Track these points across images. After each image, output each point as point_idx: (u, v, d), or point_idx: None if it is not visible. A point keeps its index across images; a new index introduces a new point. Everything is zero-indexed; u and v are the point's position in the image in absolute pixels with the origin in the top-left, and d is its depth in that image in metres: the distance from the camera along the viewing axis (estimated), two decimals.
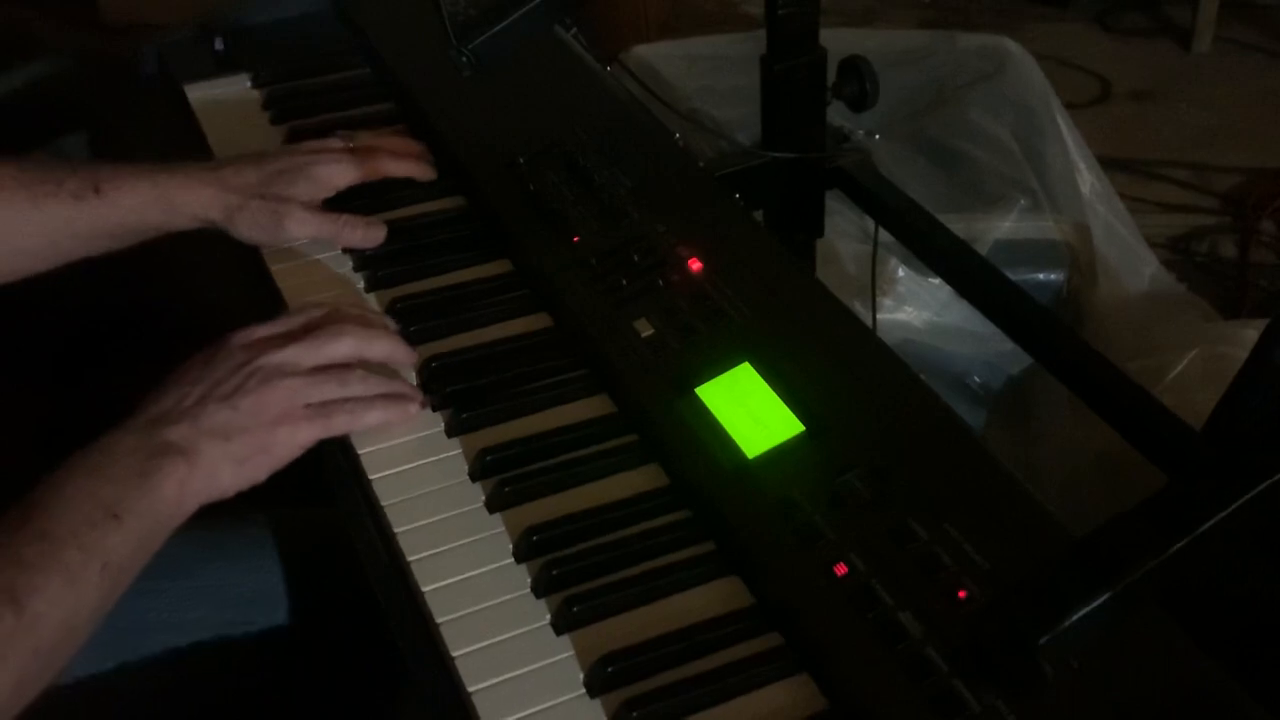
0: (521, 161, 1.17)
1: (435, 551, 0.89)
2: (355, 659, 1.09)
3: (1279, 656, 0.82)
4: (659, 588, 0.85)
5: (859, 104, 1.29)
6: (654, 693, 0.79)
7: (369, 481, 0.94)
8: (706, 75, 2.07)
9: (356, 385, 0.96)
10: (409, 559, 0.88)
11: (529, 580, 0.86)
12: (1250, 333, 1.56)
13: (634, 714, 0.77)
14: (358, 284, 1.12)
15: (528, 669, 0.81)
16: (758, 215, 1.34)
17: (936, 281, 1.71)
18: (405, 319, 1.07)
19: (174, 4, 1.52)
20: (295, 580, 1.08)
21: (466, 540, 0.89)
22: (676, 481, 0.92)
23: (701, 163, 1.24)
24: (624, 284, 1.04)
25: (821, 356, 0.96)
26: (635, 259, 1.05)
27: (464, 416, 0.98)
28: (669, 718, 0.78)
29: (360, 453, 0.96)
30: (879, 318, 1.69)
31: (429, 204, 1.20)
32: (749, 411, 0.91)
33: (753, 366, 0.94)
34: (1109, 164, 2.07)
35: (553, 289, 1.06)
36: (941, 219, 1.36)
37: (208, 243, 1.12)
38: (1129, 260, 1.89)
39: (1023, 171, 1.90)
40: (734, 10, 3.04)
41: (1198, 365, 1.57)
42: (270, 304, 1.11)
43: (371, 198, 1.20)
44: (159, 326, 1.52)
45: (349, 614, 1.05)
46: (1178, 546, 0.68)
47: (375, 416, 0.96)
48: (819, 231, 1.44)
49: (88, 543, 0.81)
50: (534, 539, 0.88)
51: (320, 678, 1.11)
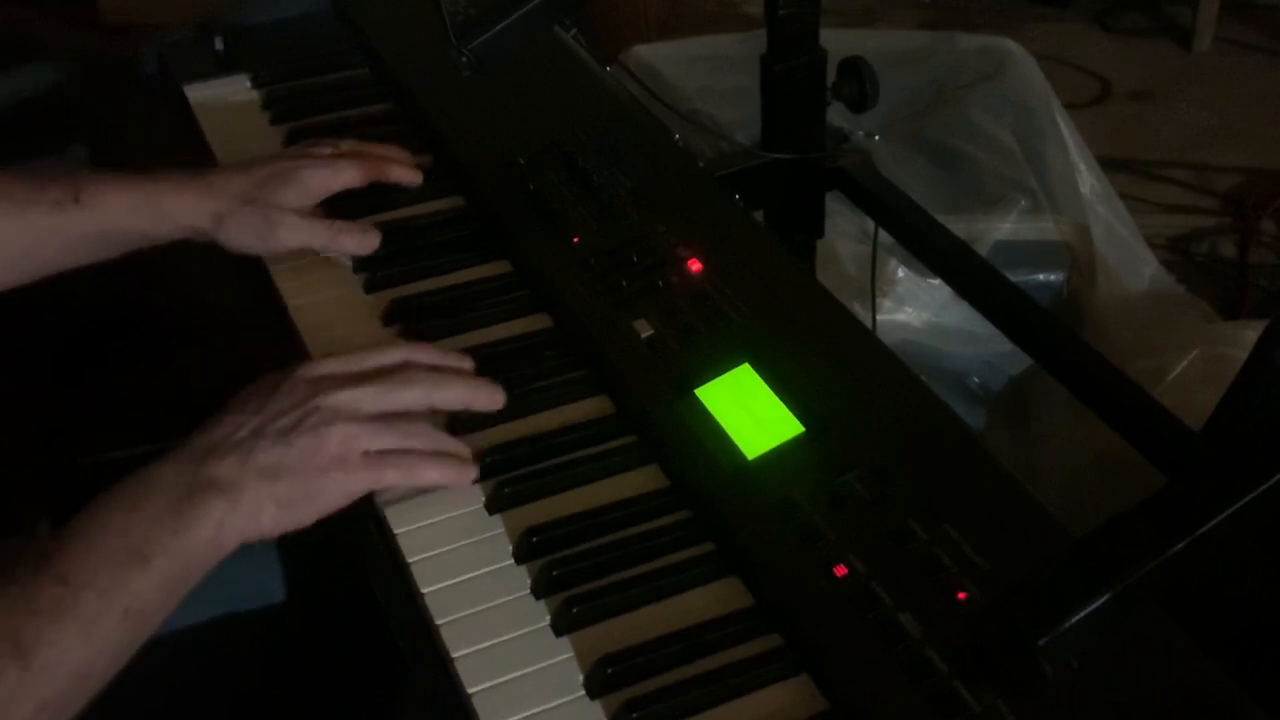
0: (521, 162, 1.17)
1: (435, 552, 0.89)
2: (355, 659, 1.09)
3: (1279, 657, 0.82)
4: (659, 589, 0.85)
5: (859, 104, 1.29)
6: (654, 694, 0.78)
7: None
8: (706, 75, 2.07)
9: (416, 438, 0.91)
10: (409, 560, 0.88)
11: (529, 581, 0.86)
12: (1250, 333, 1.56)
13: (634, 715, 0.77)
14: (357, 285, 1.12)
15: (527, 670, 0.81)
16: (758, 216, 1.34)
17: (936, 282, 1.71)
18: (405, 319, 1.07)
19: (174, 4, 1.52)
20: (295, 580, 1.08)
21: (466, 541, 0.89)
22: (676, 482, 0.92)
23: (701, 163, 1.24)
24: (624, 284, 1.04)
25: (821, 357, 0.96)
26: (635, 259, 1.05)
27: (463, 417, 0.97)
28: (669, 719, 0.78)
29: None
30: (879, 318, 1.69)
31: (429, 204, 1.20)
32: (749, 412, 0.91)
33: (752, 367, 0.94)
34: (1109, 164, 2.07)
35: (552, 289, 1.06)
36: (941, 220, 1.36)
37: (206, 244, 1.12)
38: (1129, 261, 1.89)
39: (1023, 172, 1.90)
40: (734, 10, 3.04)
41: (1198, 366, 1.57)
42: (270, 304, 1.11)
43: (371, 198, 1.20)
44: (159, 326, 1.52)
45: (349, 614, 1.05)
46: (1178, 547, 0.68)
47: (430, 475, 0.91)
48: (819, 232, 1.44)
49: (109, 586, 0.78)
50: (534, 540, 0.88)
51: (320, 678, 1.11)
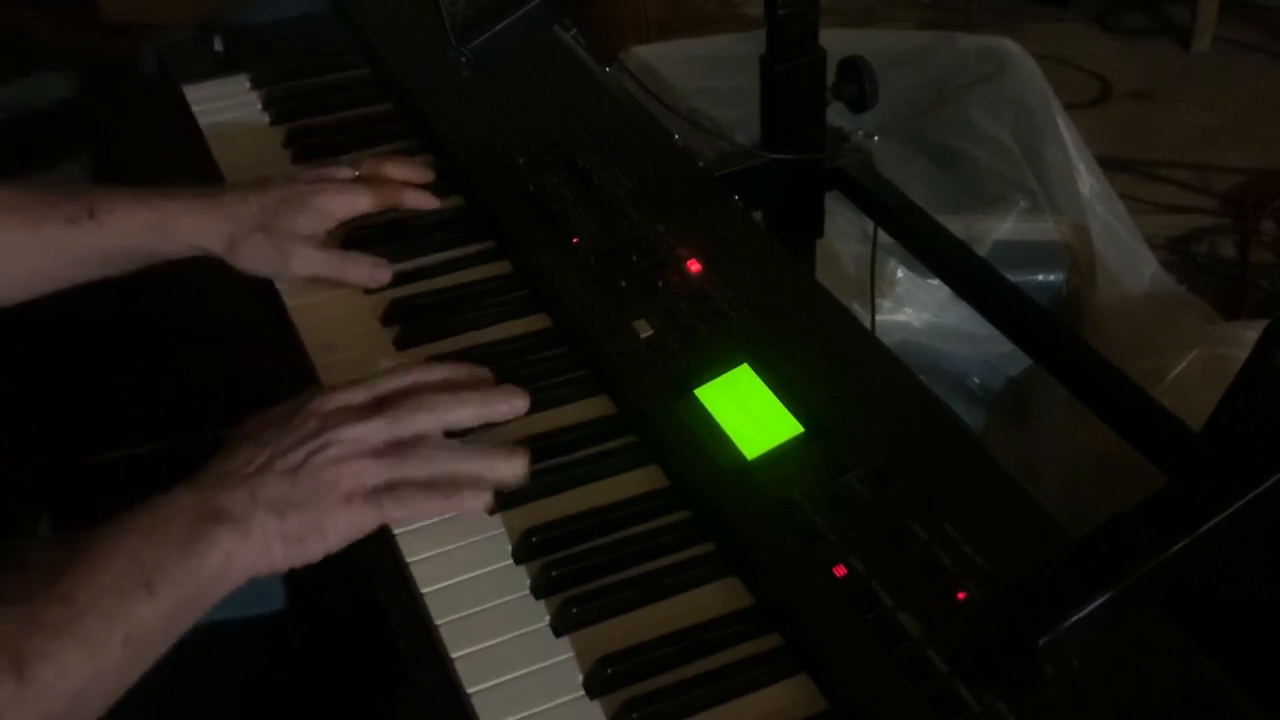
0: (521, 162, 1.17)
1: (435, 553, 0.89)
2: (355, 659, 1.08)
3: (1279, 657, 0.82)
4: (658, 589, 0.85)
5: (859, 105, 1.29)
6: (653, 694, 0.78)
7: None
8: (706, 76, 2.07)
9: (429, 465, 0.89)
10: (408, 560, 0.88)
11: (528, 581, 0.86)
12: (1250, 333, 1.56)
13: (633, 715, 0.77)
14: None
15: (527, 670, 0.81)
16: (757, 216, 1.34)
17: (936, 282, 1.71)
18: (405, 319, 1.07)
19: (174, 4, 1.52)
20: (294, 580, 1.07)
21: (466, 541, 0.89)
22: (676, 482, 0.92)
23: (701, 163, 1.24)
24: (623, 285, 1.04)
25: (821, 357, 0.95)
26: (634, 260, 1.05)
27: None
28: (669, 718, 0.78)
29: None
30: (878, 319, 1.69)
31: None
32: (748, 412, 0.91)
33: (752, 367, 0.94)
34: (1109, 164, 2.07)
35: (552, 290, 1.06)
36: (941, 220, 1.36)
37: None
38: (1129, 261, 1.89)
39: (1022, 172, 1.90)
40: (734, 11, 3.04)
41: (1197, 366, 1.57)
42: (269, 304, 1.11)
43: None
44: (159, 326, 1.52)
45: (349, 615, 1.05)
46: (1178, 547, 0.68)
47: (437, 508, 0.89)
48: (818, 232, 1.44)
49: (113, 611, 0.78)
50: (533, 540, 0.88)
51: (320, 678, 1.11)
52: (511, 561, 0.88)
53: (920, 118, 1.99)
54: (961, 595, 0.78)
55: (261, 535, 0.84)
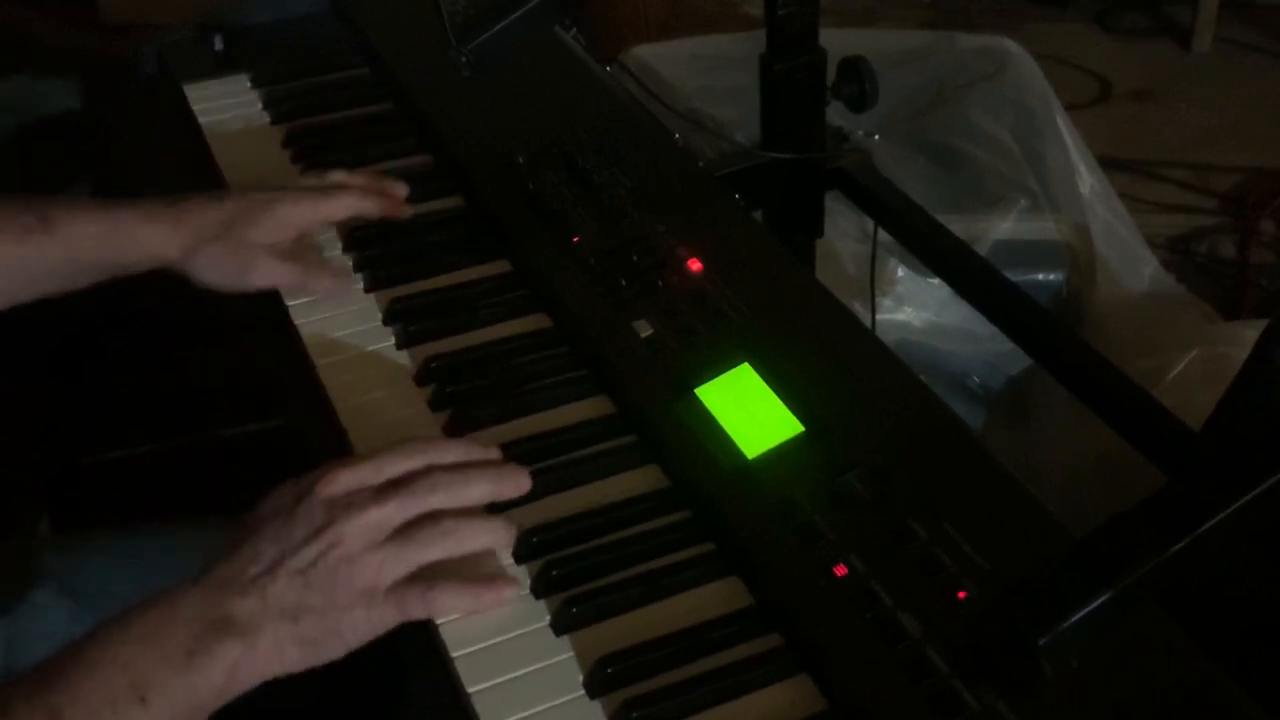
0: (521, 161, 1.17)
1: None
2: (355, 659, 1.08)
3: (1279, 657, 0.82)
4: (659, 588, 0.85)
5: (859, 104, 1.29)
6: (654, 693, 0.78)
7: None
8: (706, 75, 2.07)
9: (447, 542, 0.84)
10: None
11: (529, 581, 0.86)
12: (1250, 333, 1.56)
13: (633, 715, 0.77)
14: (356, 284, 1.12)
15: (527, 670, 0.81)
16: (757, 216, 1.34)
17: (936, 282, 1.71)
18: (404, 319, 1.07)
19: (174, 4, 1.52)
20: None
21: None
22: (676, 482, 0.92)
23: (701, 163, 1.24)
24: (623, 284, 1.03)
25: (821, 357, 0.95)
26: (635, 259, 1.05)
27: (463, 417, 0.97)
28: (669, 718, 0.78)
29: (360, 454, 0.96)
30: (878, 318, 1.69)
31: (429, 204, 1.20)
32: (748, 412, 0.91)
33: (752, 367, 0.94)
34: (1109, 164, 2.07)
35: (552, 289, 1.06)
36: (941, 219, 1.36)
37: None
38: (1129, 261, 1.89)
39: (1022, 172, 1.90)
40: (734, 10, 3.04)
41: (1197, 366, 1.57)
42: (269, 304, 1.11)
43: None
44: (156, 321, 1.52)
45: None
46: (1178, 547, 0.68)
47: (460, 603, 0.84)
48: (818, 232, 1.44)
49: None
50: (533, 540, 0.88)
51: (319, 678, 1.10)
52: (512, 561, 0.88)
53: (920, 117, 1.99)
54: (961, 595, 0.78)
55: (273, 643, 0.80)
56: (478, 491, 0.88)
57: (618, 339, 1.00)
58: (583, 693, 0.80)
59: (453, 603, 0.84)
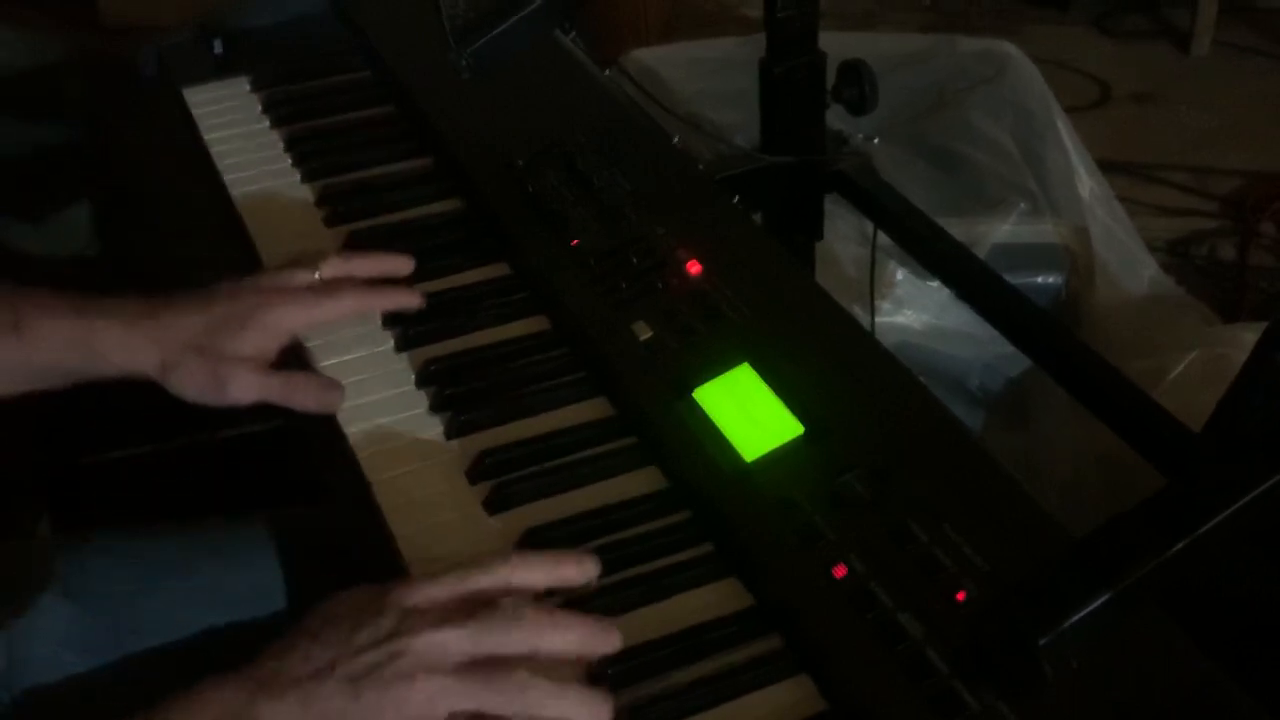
0: (521, 163, 1.17)
1: (436, 555, 0.88)
2: None
3: (1279, 657, 0.82)
4: (658, 589, 0.85)
5: (858, 107, 1.29)
6: (653, 694, 0.78)
7: (369, 484, 0.94)
8: (706, 78, 2.07)
9: (514, 700, 0.75)
10: (408, 560, 0.88)
11: None
12: (1249, 335, 1.56)
13: (634, 715, 0.77)
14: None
15: None
16: (757, 218, 1.34)
17: (935, 284, 1.72)
18: (404, 322, 1.07)
19: (174, 5, 1.52)
20: (294, 580, 1.08)
21: (466, 542, 0.89)
22: (676, 483, 0.92)
23: (701, 166, 1.24)
24: (623, 286, 1.04)
25: (820, 359, 0.96)
26: (634, 261, 1.05)
27: (462, 419, 0.97)
28: (669, 719, 0.78)
29: (360, 456, 0.96)
30: (878, 320, 1.69)
31: (428, 206, 1.20)
32: (748, 413, 0.91)
33: (752, 368, 0.94)
34: (1108, 167, 2.08)
35: (551, 291, 1.06)
36: (941, 222, 1.36)
37: (206, 240, 1.11)
38: (1128, 263, 1.89)
39: (1022, 175, 1.90)
40: (733, 13, 3.05)
41: (1197, 368, 1.57)
42: None
43: (370, 201, 1.20)
44: None
45: None
46: (1178, 547, 0.68)
47: None
48: (818, 235, 1.44)
49: None
50: (534, 541, 0.88)
51: None
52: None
53: (920, 120, 1.99)
54: (961, 595, 0.78)
55: None
56: (565, 640, 0.77)
57: (617, 341, 1.00)
58: None
59: None
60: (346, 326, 1.08)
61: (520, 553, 0.84)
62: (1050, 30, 3.00)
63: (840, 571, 0.81)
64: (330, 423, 1.00)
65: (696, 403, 0.93)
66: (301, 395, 1.00)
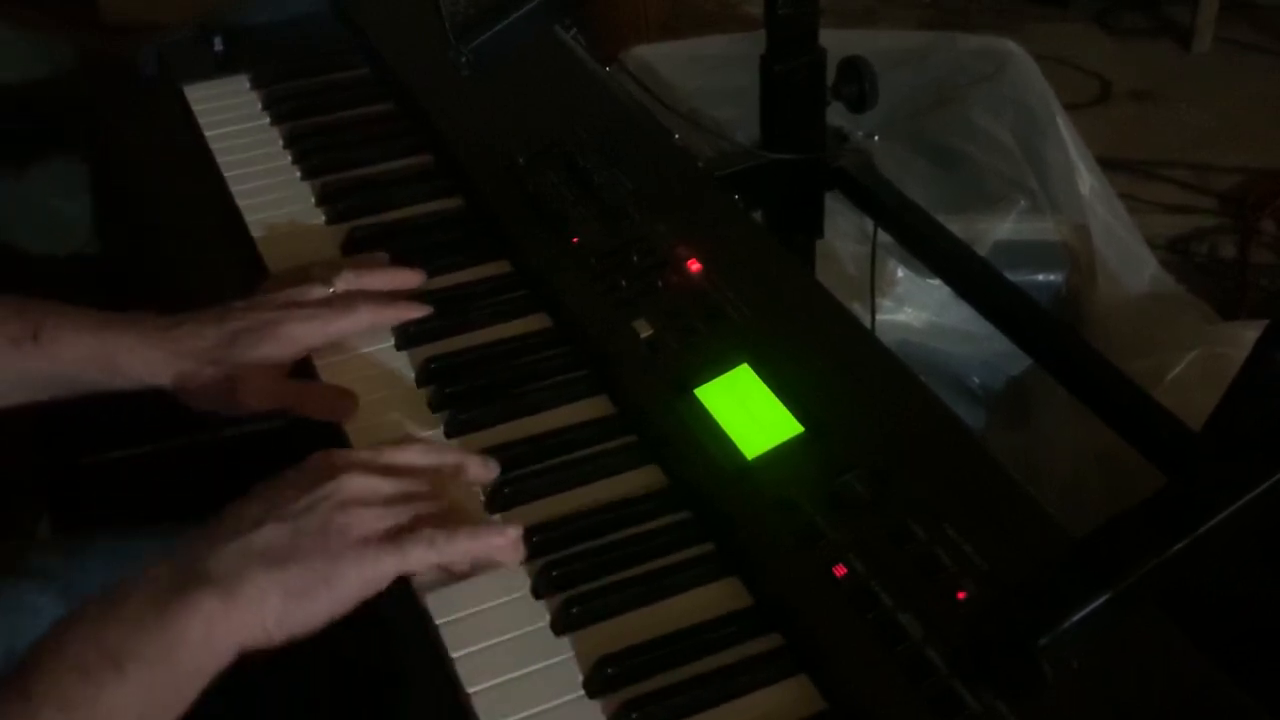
0: (521, 162, 1.17)
1: None
2: (355, 660, 1.08)
3: (1278, 657, 0.82)
4: (658, 589, 0.85)
5: (859, 105, 1.29)
6: (653, 694, 0.78)
7: None
8: (706, 76, 2.07)
9: (439, 506, 0.84)
10: None
11: (528, 581, 0.86)
12: (1250, 333, 1.56)
13: (633, 715, 0.77)
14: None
15: (527, 670, 0.81)
16: (757, 216, 1.34)
17: (936, 282, 1.71)
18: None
19: (174, 4, 1.52)
20: None
21: None
22: (676, 482, 0.92)
23: (701, 163, 1.24)
24: (623, 284, 1.04)
25: (821, 357, 0.96)
26: (635, 259, 1.05)
27: (462, 418, 0.97)
28: (669, 719, 0.78)
29: None
30: (878, 318, 1.69)
31: (428, 204, 1.20)
32: (748, 412, 0.91)
33: (752, 367, 0.94)
34: (1109, 164, 2.07)
35: (552, 289, 1.06)
36: (941, 220, 1.36)
37: (207, 240, 1.11)
38: (1129, 261, 1.89)
39: (1022, 172, 1.90)
40: (734, 10, 3.04)
41: (1197, 366, 1.57)
42: None
43: (371, 198, 1.20)
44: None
45: (349, 615, 1.04)
46: (1178, 547, 0.68)
47: (468, 547, 0.82)
48: (818, 232, 1.44)
49: (75, 700, 0.70)
50: (533, 540, 0.88)
51: (319, 678, 1.10)
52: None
53: (920, 118, 1.99)
54: (961, 595, 0.78)
55: (254, 593, 0.75)
56: (472, 472, 0.90)
57: (617, 339, 1.00)
58: (582, 693, 0.80)
59: (463, 547, 0.81)
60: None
61: (426, 446, 0.91)
62: (1051, 27, 2.99)
63: (840, 571, 0.81)
64: (331, 422, 1.00)
65: (697, 401, 0.93)
66: (315, 404, 1.01)
